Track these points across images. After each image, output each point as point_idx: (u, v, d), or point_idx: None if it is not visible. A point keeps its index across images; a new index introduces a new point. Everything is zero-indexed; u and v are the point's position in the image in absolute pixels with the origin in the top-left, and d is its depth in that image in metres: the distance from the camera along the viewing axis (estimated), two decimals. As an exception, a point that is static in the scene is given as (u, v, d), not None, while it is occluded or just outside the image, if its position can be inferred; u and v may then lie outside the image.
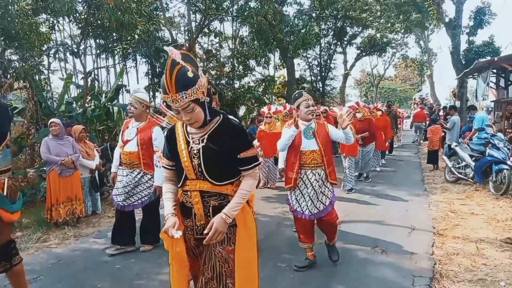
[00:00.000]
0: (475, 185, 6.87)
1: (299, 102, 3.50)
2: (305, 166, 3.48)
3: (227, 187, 1.96)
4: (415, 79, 42.93)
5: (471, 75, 12.80)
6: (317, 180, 3.47)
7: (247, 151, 1.96)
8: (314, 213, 3.46)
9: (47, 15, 11.51)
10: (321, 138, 3.49)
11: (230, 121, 1.99)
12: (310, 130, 3.51)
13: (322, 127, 3.57)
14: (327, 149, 3.51)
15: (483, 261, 3.68)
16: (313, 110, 3.50)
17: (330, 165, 3.51)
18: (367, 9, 20.96)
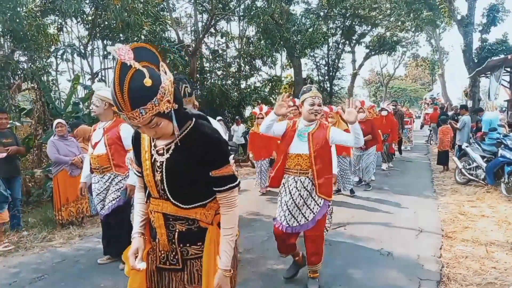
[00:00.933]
0: (487, 187, 6.77)
1: (304, 98, 3.10)
2: (288, 171, 3.09)
3: (197, 210, 1.58)
4: (426, 78, 42.51)
5: (484, 74, 12.63)
6: (298, 188, 3.03)
7: (220, 169, 1.55)
8: (293, 226, 3.06)
9: (55, 16, 11.70)
10: (315, 142, 3.00)
11: (203, 127, 1.58)
12: (305, 131, 3.06)
13: (321, 130, 3.07)
14: (322, 156, 3.00)
15: (493, 265, 3.62)
16: (318, 110, 3.04)
17: (322, 175, 3.00)
18: (377, 7, 20.84)
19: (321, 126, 3.11)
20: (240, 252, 4.03)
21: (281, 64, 20.67)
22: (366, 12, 20.45)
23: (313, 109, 3.03)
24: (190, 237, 1.58)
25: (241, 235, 4.49)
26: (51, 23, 11.79)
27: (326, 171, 3.03)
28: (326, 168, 3.03)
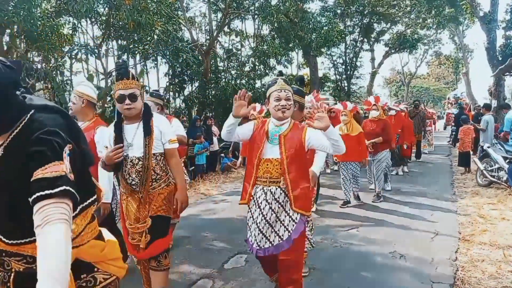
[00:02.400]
0: (509, 189, 6.60)
1: (269, 92, 2.60)
2: (258, 180, 2.60)
3: (32, 246, 1.12)
4: (449, 77, 41.66)
5: (508, 72, 12.32)
6: (268, 201, 2.55)
7: (45, 168, 1.07)
8: (265, 247, 2.56)
9: (69, 17, 12.06)
10: (288, 145, 2.53)
11: (41, 120, 1.15)
12: (276, 132, 2.59)
13: (296, 130, 2.59)
14: (297, 162, 2.53)
15: (510, 268, 3.54)
16: (286, 106, 2.52)
17: (298, 186, 2.52)
18: (396, 4, 20.63)
19: (295, 126, 2.62)
20: (249, 252, 4.07)
21: (298, 63, 20.69)
22: (385, 9, 20.27)
23: (280, 105, 2.50)
24: (32, 279, 0.97)
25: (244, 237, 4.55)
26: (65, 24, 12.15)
27: (303, 180, 2.56)
28: (302, 177, 2.57)
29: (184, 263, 3.90)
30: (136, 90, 2.62)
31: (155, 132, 2.68)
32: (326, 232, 4.80)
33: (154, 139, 2.66)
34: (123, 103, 2.58)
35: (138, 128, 2.67)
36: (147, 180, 2.64)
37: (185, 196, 2.79)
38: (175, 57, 13.38)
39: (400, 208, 5.94)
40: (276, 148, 2.56)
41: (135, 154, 2.64)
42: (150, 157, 2.64)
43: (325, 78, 21.26)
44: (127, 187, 2.70)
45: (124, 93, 2.57)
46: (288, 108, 2.54)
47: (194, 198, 6.93)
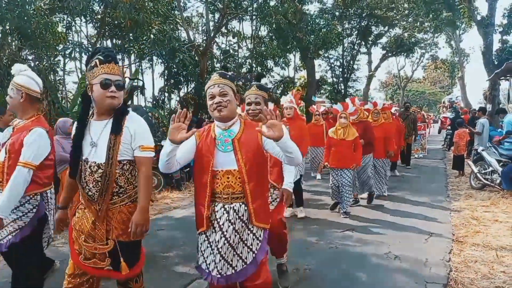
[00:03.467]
0: (502, 192, 6.74)
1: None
2: (216, 197, 2.21)
3: None
4: (445, 81, 42.08)
5: (504, 77, 12.52)
6: (231, 221, 2.18)
7: None
8: (227, 275, 2.20)
9: (63, 14, 12.04)
10: (244, 150, 2.18)
11: None
12: (227, 137, 2.22)
13: (250, 130, 2.22)
14: (256, 169, 2.21)
15: (502, 269, 3.64)
16: (221, 102, 2.18)
17: (257, 197, 2.21)
18: (394, 7, 20.84)
19: (248, 126, 2.26)
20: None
21: (295, 65, 20.81)
22: (383, 12, 20.46)
23: (214, 103, 2.19)
24: None
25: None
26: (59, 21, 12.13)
27: (262, 189, 2.27)
28: (262, 186, 2.26)
29: (180, 264, 3.96)
30: (122, 79, 2.25)
31: (124, 133, 2.18)
32: (322, 234, 4.87)
33: (122, 142, 2.17)
34: (107, 90, 2.14)
35: (106, 126, 2.19)
36: (107, 192, 2.16)
37: (144, 219, 2.19)
38: (172, 57, 13.42)
39: (395, 210, 6.03)
40: (231, 156, 2.17)
41: (96, 160, 2.16)
42: (114, 164, 2.16)
43: (322, 81, 21.40)
44: (84, 196, 2.24)
45: (111, 79, 2.16)
46: (224, 105, 2.16)
47: (189, 200, 6.99)
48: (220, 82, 2.20)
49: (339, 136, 5.46)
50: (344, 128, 5.47)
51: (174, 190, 7.79)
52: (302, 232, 4.97)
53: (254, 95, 2.98)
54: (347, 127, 5.47)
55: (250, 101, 2.88)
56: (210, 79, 2.27)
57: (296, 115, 5.43)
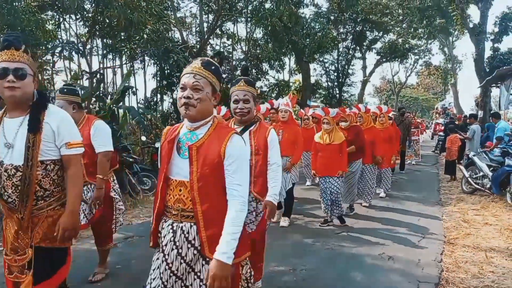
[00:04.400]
0: (492, 196, 6.99)
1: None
2: (167, 211, 1.84)
3: None
4: (438, 87, 42.79)
5: (495, 84, 12.91)
6: (176, 244, 1.77)
7: None
8: None
9: (53, 12, 12.04)
10: (201, 160, 1.76)
11: None
12: (189, 140, 1.81)
13: (217, 138, 1.80)
14: (213, 188, 1.77)
15: (491, 269, 3.84)
16: (190, 97, 1.73)
17: (213, 224, 1.75)
18: (389, 13, 21.22)
19: (218, 131, 1.82)
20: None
21: (290, 69, 20.99)
22: (378, 18, 20.81)
23: (183, 97, 1.78)
24: None
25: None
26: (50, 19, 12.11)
27: (219, 215, 1.75)
28: (218, 211, 1.76)
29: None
30: (26, 66, 1.97)
31: (45, 130, 1.99)
32: (317, 235, 5.03)
33: (43, 140, 1.97)
34: (4, 80, 1.91)
35: (22, 124, 1.99)
36: (29, 197, 1.96)
37: (72, 223, 2.01)
38: (165, 58, 13.48)
39: (389, 213, 6.23)
40: (185, 163, 1.78)
41: (14, 162, 1.96)
42: (35, 165, 1.95)
43: (317, 85, 21.63)
44: (3, 205, 2.06)
45: (8, 66, 1.91)
46: (192, 104, 1.73)
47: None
48: (198, 72, 1.76)
49: (325, 141, 5.28)
50: (329, 132, 5.27)
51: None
52: (298, 233, 5.12)
53: (242, 91, 2.67)
54: (332, 131, 5.25)
55: (238, 99, 2.64)
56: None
57: (291, 119, 5.42)
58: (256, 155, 2.81)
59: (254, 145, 2.80)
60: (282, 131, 5.15)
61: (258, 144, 2.81)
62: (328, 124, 5.24)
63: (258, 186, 2.83)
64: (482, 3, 14.52)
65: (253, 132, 2.84)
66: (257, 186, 2.83)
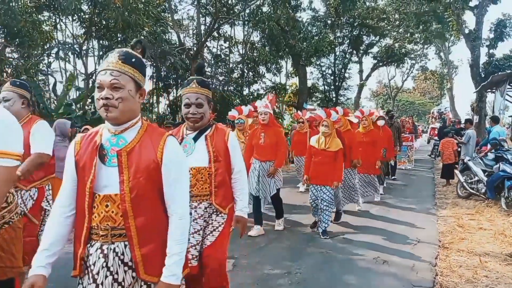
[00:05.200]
0: (487, 201, 7.03)
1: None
2: (92, 233, 1.57)
3: None
4: (434, 92, 43.11)
5: (490, 89, 13.02)
6: (110, 270, 1.54)
7: None
8: None
9: (50, 13, 12.04)
10: (134, 168, 1.54)
11: None
12: (115, 145, 1.58)
13: (149, 141, 1.59)
14: (148, 199, 1.56)
15: (485, 274, 3.86)
16: (109, 98, 1.51)
17: (150, 239, 1.55)
18: (385, 17, 21.40)
19: (149, 133, 1.61)
20: (236, 257, 4.27)
21: (287, 72, 21.09)
22: (375, 22, 20.99)
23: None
24: None
25: (238, 241, 4.73)
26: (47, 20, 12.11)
27: (157, 228, 1.57)
28: (156, 223, 1.57)
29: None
30: None
31: None
32: (312, 238, 5.05)
33: None
34: None
35: None
36: None
37: None
38: (162, 60, 13.51)
39: (384, 217, 6.25)
40: (115, 174, 1.53)
41: None
42: None
43: (313, 88, 21.74)
44: None
45: None
46: (113, 105, 1.51)
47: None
48: (115, 68, 1.53)
49: (320, 145, 4.99)
50: (326, 137, 4.98)
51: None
52: (294, 237, 5.12)
53: (194, 94, 2.35)
54: (330, 137, 4.96)
55: (189, 102, 2.33)
56: (105, 59, 1.59)
57: (272, 121, 5.16)
58: (216, 162, 2.42)
59: (212, 151, 2.42)
60: (263, 134, 5.05)
61: (217, 150, 2.44)
62: (327, 128, 4.94)
63: (220, 196, 2.46)
64: (477, 10, 14.67)
65: (209, 137, 2.46)
66: (218, 196, 2.46)
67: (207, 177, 2.42)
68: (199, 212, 2.46)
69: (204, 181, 2.42)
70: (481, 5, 14.54)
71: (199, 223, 2.46)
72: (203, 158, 2.41)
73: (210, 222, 2.49)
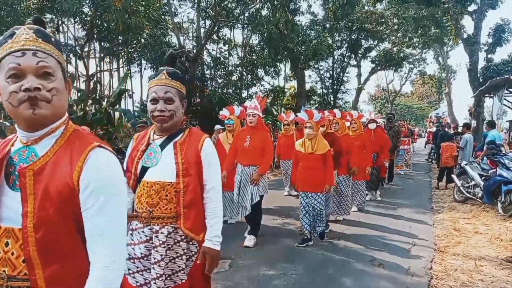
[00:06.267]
0: (484, 205, 7.03)
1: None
2: None
3: None
4: (432, 96, 43.22)
5: (488, 94, 13.05)
6: None
7: None
8: None
9: (52, 15, 12.08)
10: (42, 193, 1.08)
11: None
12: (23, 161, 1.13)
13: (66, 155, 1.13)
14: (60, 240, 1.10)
15: (480, 277, 3.86)
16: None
17: None
18: (384, 22, 21.48)
19: (70, 142, 1.17)
20: (232, 258, 4.26)
21: (285, 75, 21.16)
22: (373, 26, 21.06)
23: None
24: None
25: (235, 242, 4.74)
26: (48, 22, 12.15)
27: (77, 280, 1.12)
28: (76, 275, 1.12)
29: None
30: None
31: None
32: (309, 240, 5.04)
33: None
34: None
35: None
36: None
37: None
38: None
39: (381, 220, 6.24)
40: (17, 200, 1.10)
41: None
42: None
43: (312, 92, 21.79)
44: None
45: None
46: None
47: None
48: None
49: (306, 149, 4.63)
50: (312, 139, 4.62)
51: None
52: (290, 238, 5.13)
53: (162, 86, 1.87)
54: (316, 139, 4.62)
55: (156, 97, 1.85)
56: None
57: (260, 124, 4.84)
58: (185, 177, 1.89)
59: (182, 163, 1.89)
60: (249, 137, 4.76)
61: (187, 161, 1.90)
62: (311, 129, 4.56)
63: (190, 219, 1.92)
64: (476, 14, 14.73)
65: (179, 145, 1.93)
66: (189, 220, 1.92)
67: (173, 195, 1.89)
68: (160, 238, 1.90)
69: (169, 200, 1.89)
70: (480, 10, 14.60)
71: (159, 251, 1.89)
72: (169, 170, 1.89)
73: (177, 252, 1.93)
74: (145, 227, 1.93)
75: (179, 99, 1.92)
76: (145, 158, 1.94)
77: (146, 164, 1.92)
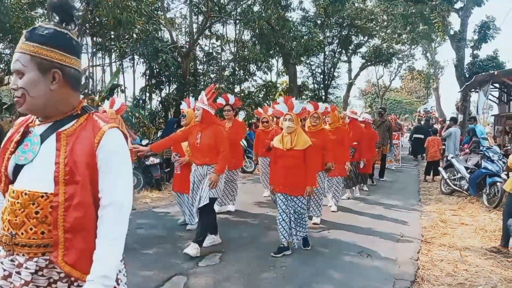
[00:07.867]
0: (469, 197, 7.10)
1: None
2: None
3: None
4: (421, 91, 43.48)
5: (474, 89, 13.17)
6: None
7: None
8: None
9: (43, 9, 11.84)
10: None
11: None
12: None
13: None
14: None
15: (465, 267, 3.89)
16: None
17: None
18: (373, 18, 21.49)
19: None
20: (223, 251, 4.23)
21: (277, 70, 21.11)
22: (363, 23, 21.08)
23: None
24: None
25: (226, 235, 4.71)
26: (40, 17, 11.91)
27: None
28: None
29: (159, 260, 4.01)
30: None
31: None
32: (298, 233, 5.02)
33: None
34: None
35: None
36: None
37: None
38: (154, 58, 13.38)
39: (369, 212, 6.26)
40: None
41: None
42: None
43: (303, 87, 21.77)
44: None
45: None
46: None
47: (168, 199, 7.02)
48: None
49: (285, 145, 4.08)
50: (291, 134, 4.08)
51: (154, 190, 7.78)
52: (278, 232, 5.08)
53: (20, 54, 1.26)
54: (295, 133, 4.07)
55: (13, 69, 1.28)
56: None
57: (208, 118, 4.22)
58: (68, 185, 1.25)
59: (63, 163, 1.25)
60: (200, 134, 4.21)
61: (73, 162, 1.26)
62: (291, 122, 4.02)
63: (74, 250, 1.26)
64: (462, 12, 14.81)
65: (65, 137, 1.29)
66: (71, 250, 1.26)
67: (47, 213, 1.24)
68: (24, 276, 1.25)
69: (41, 219, 1.24)
70: (466, 7, 14.69)
71: None
72: (43, 175, 1.25)
73: None
74: (7, 257, 1.28)
75: (36, 69, 1.24)
76: (19, 152, 1.29)
77: (20, 161, 1.28)
